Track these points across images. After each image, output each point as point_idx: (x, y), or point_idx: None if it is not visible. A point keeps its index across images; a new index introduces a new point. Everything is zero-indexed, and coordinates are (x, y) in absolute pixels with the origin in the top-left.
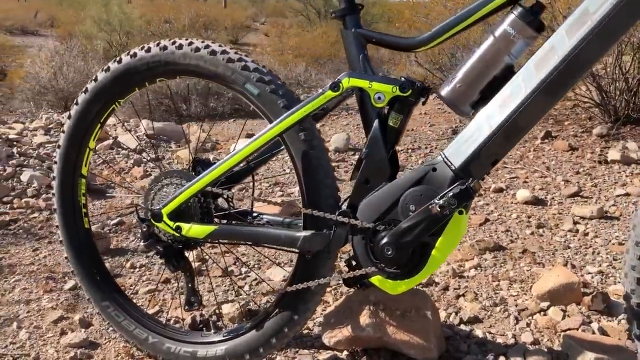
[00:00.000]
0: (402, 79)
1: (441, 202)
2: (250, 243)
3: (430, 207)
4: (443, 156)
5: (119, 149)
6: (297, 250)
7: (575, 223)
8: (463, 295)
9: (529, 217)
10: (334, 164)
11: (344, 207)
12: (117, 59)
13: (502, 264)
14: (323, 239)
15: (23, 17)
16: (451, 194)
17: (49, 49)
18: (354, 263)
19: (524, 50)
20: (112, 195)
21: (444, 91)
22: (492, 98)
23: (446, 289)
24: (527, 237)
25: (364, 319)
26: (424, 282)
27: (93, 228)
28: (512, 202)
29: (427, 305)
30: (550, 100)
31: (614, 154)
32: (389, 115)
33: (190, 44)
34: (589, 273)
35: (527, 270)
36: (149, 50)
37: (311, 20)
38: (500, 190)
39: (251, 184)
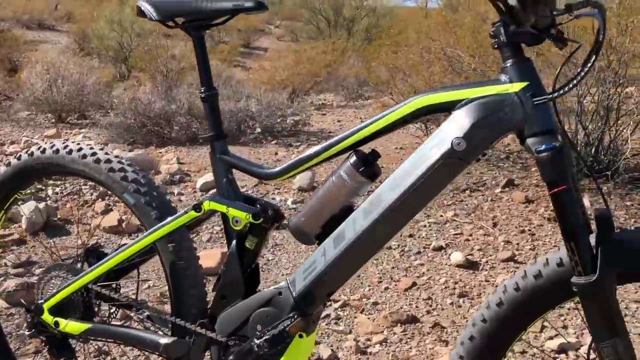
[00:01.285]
0: (258, 206)
1: (275, 330)
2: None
3: (267, 330)
4: (288, 282)
5: (82, 180)
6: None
7: None
8: None
9: (456, 283)
10: (295, 205)
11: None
12: (17, 155)
13: (409, 340)
14: (183, 347)
15: (42, 10)
16: (286, 322)
17: (46, 61)
18: None
19: (361, 193)
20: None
21: (291, 222)
22: (331, 234)
23: None
24: (445, 307)
25: None
26: None
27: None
28: (445, 264)
29: None
30: (374, 245)
31: None
32: (246, 237)
33: (80, 149)
34: None
35: (430, 349)
36: (43, 151)
37: (321, 29)
38: (439, 248)
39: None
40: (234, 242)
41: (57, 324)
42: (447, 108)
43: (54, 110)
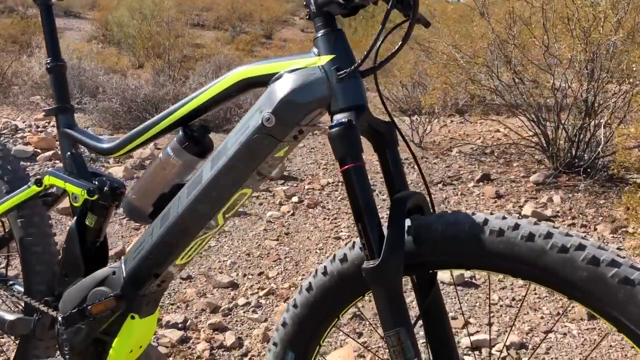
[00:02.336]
0: (95, 182)
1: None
2: None
3: (89, 307)
4: (123, 261)
5: (57, 161)
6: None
7: None
8: None
9: None
10: (258, 192)
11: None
12: None
13: None
14: (26, 325)
15: None
16: (110, 300)
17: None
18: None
19: (191, 171)
20: None
21: (124, 200)
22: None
23: None
24: None
25: None
26: None
27: None
28: None
29: None
30: (196, 224)
31: (528, 208)
32: (86, 214)
33: None
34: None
35: (343, 340)
36: None
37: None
38: None
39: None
40: (74, 219)
41: None
42: (265, 81)
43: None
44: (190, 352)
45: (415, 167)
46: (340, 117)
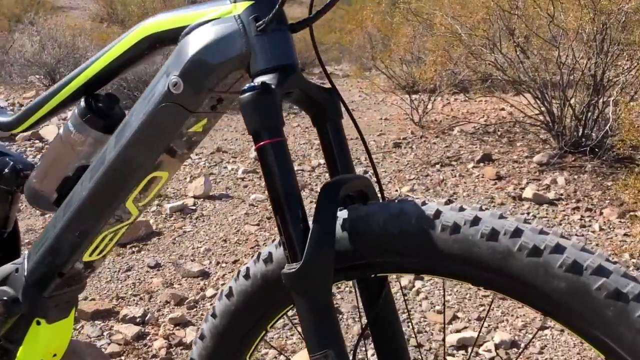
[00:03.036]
0: None
1: None
2: None
3: None
4: (26, 256)
5: (36, 141)
6: None
7: (417, 279)
8: None
9: None
10: (245, 174)
11: None
12: None
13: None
14: None
15: None
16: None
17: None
18: None
19: (97, 151)
20: None
21: (25, 185)
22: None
23: None
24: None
25: None
26: None
27: None
28: None
29: None
30: (102, 212)
31: (529, 191)
32: None
33: None
34: None
35: None
36: None
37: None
38: None
39: None
40: None
41: None
42: (174, 37)
43: (46, 72)
44: (145, 351)
45: (414, 147)
46: (259, 81)
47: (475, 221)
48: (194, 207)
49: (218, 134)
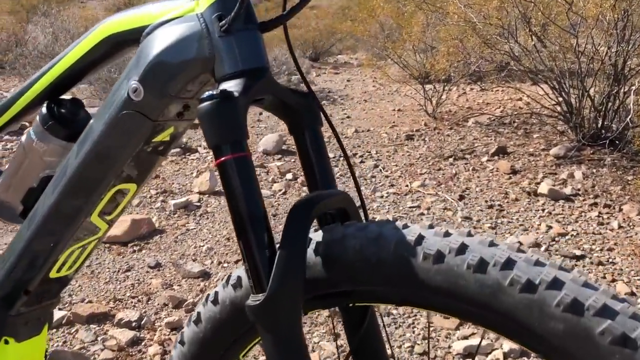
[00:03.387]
0: None
1: None
2: None
3: None
4: None
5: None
6: None
7: None
8: None
9: None
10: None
11: None
12: None
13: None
14: None
15: None
16: None
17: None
18: None
19: (61, 159)
20: None
21: None
22: None
23: None
24: None
25: None
26: None
27: None
28: None
29: None
30: (66, 225)
31: (544, 186)
32: None
33: None
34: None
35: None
36: None
37: None
38: None
39: None
40: None
41: None
42: (136, 38)
43: None
44: (139, 357)
45: (427, 139)
46: (220, 89)
47: (462, 249)
48: (198, 204)
49: None
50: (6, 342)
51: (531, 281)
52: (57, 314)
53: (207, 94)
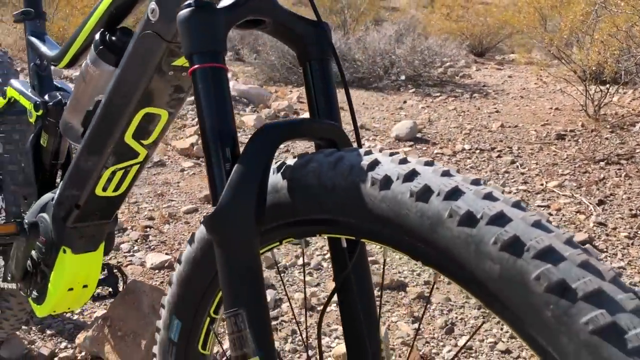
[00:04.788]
0: (45, 98)
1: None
2: None
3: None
4: (60, 184)
5: None
6: None
7: None
8: None
9: None
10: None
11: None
12: None
13: None
14: None
15: None
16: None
17: None
18: None
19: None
20: None
21: (62, 117)
22: None
23: None
24: None
25: (90, 332)
26: None
27: None
28: None
29: (145, 333)
30: (103, 146)
31: None
32: (40, 132)
33: None
34: None
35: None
36: None
37: None
38: None
39: None
40: (31, 136)
41: None
42: None
43: (231, 48)
44: None
45: (580, 140)
46: None
47: (410, 176)
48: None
49: (368, 111)
50: (64, 251)
51: (472, 214)
52: (160, 258)
53: (186, 2)
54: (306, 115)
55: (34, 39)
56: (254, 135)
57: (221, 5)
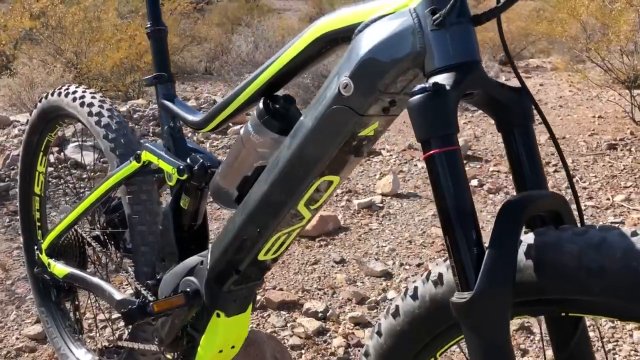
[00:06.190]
0: (187, 161)
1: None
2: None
3: (151, 304)
4: (210, 249)
5: None
6: None
7: None
8: None
9: None
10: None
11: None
12: (39, 99)
13: None
14: (130, 305)
15: None
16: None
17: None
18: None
19: (274, 152)
20: None
21: (211, 182)
22: None
23: None
24: None
25: None
26: None
27: None
28: None
29: None
30: (274, 211)
31: None
32: (181, 195)
33: (74, 92)
34: None
35: None
36: (53, 94)
37: None
38: None
39: None
40: (169, 200)
41: (48, 265)
42: (347, 36)
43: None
44: (324, 347)
45: (633, 149)
46: (431, 82)
47: None
48: (381, 205)
49: (411, 130)
50: (218, 315)
51: None
52: None
53: (418, 87)
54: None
55: (167, 103)
56: (500, 216)
57: (448, 85)
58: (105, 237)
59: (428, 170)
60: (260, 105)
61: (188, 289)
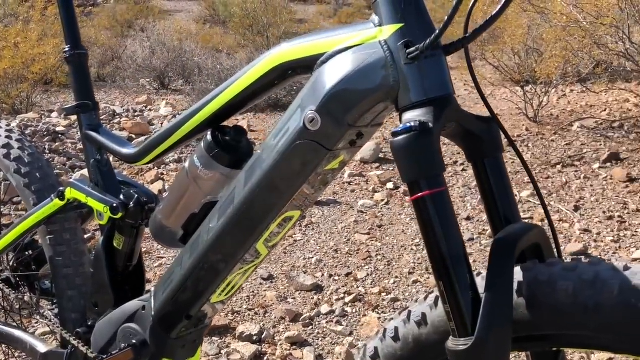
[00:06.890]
0: (120, 197)
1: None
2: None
3: (118, 356)
4: (153, 293)
5: None
6: None
7: None
8: None
9: None
10: (352, 178)
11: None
12: None
13: None
14: (58, 358)
15: None
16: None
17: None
18: None
19: (224, 186)
20: None
21: (150, 219)
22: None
23: None
24: None
25: None
26: None
27: None
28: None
29: None
30: (230, 254)
31: None
32: (113, 234)
33: None
34: None
35: None
36: None
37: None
38: None
39: None
40: (100, 240)
41: None
42: (309, 66)
43: (155, 76)
44: None
45: (530, 145)
46: (411, 117)
47: None
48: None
49: None
50: None
51: None
52: None
53: (402, 126)
54: None
55: (92, 133)
56: (494, 257)
57: (429, 121)
58: (17, 279)
59: (417, 212)
60: (209, 137)
61: (134, 340)
